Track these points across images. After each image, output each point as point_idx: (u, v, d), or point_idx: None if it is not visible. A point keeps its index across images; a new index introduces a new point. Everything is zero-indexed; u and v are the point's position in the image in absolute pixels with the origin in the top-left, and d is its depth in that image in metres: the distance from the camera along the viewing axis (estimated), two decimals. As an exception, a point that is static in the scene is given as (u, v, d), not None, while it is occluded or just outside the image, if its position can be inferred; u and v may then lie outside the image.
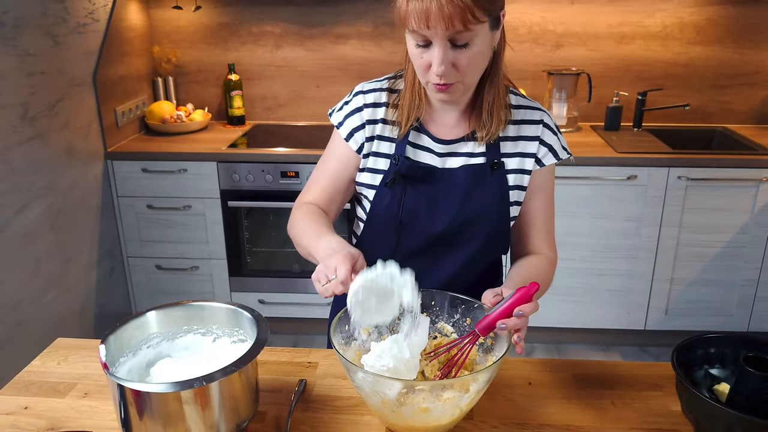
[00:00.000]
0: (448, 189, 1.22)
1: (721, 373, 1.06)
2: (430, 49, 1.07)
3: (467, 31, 1.04)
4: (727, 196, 2.67)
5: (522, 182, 1.24)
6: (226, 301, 1.02)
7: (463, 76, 1.11)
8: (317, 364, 1.19)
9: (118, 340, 0.96)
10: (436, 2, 1.01)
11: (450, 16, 1.01)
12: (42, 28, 2.39)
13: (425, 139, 1.24)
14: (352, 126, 1.26)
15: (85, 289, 2.71)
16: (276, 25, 3.18)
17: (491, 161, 1.22)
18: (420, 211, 1.23)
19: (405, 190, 1.22)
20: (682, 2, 2.99)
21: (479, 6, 1.02)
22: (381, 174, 1.25)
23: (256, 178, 2.80)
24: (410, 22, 1.04)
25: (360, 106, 1.26)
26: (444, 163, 1.23)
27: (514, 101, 1.25)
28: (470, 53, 1.08)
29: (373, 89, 1.26)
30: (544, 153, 1.24)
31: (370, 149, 1.25)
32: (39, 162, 2.38)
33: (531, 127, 1.24)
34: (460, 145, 1.23)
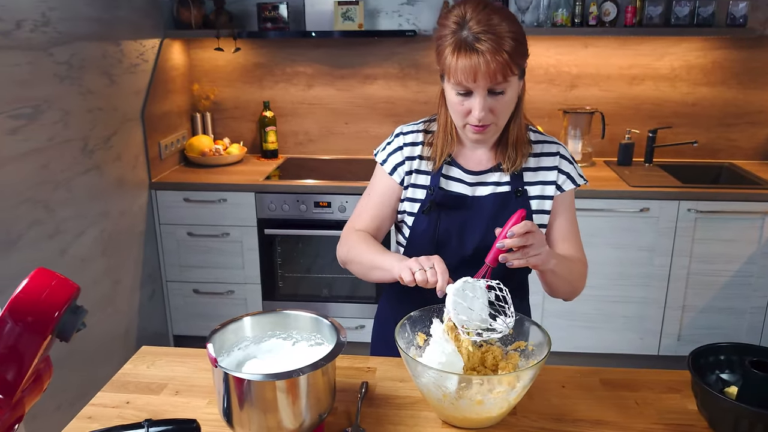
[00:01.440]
0: (477, 214, 1.41)
1: (731, 378, 1.22)
2: (471, 98, 1.28)
3: (505, 82, 1.25)
4: (735, 228, 2.83)
5: (543, 207, 1.43)
6: (308, 310, 1.20)
7: (497, 119, 1.32)
8: (375, 368, 1.36)
9: (219, 340, 1.13)
10: (483, 60, 1.21)
11: (494, 71, 1.22)
12: (101, 69, 2.61)
13: (456, 171, 1.44)
14: (395, 162, 1.47)
15: (128, 312, 2.88)
16: (308, 66, 3.41)
17: (515, 189, 1.41)
18: (453, 234, 1.42)
19: (440, 216, 1.42)
20: (689, 47, 3.20)
21: (515, 62, 1.24)
22: (419, 203, 1.45)
23: (291, 207, 2.99)
24: (458, 76, 1.25)
25: (401, 145, 1.47)
26: (474, 191, 1.43)
27: (533, 137, 1.45)
28: (505, 100, 1.29)
29: (411, 131, 1.48)
30: (563, 180, 1.43)
31: (409, 182, 1.46)
32: (96, 191, 2.58)
33: (549, 159, 1.44)
34: (488, 175, 1.43)
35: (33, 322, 0.79)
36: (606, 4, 3.01)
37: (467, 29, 1.23)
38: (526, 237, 1.20)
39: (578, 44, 3.25)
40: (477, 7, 1.25)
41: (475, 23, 1.22)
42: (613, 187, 2.86)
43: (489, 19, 1.22)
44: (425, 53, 3.31)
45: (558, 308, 2.97)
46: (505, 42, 1.21)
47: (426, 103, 3.34)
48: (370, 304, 3.10)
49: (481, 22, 1.22)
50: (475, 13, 1.24)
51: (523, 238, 1.19)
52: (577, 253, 1.46)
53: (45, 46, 2.24)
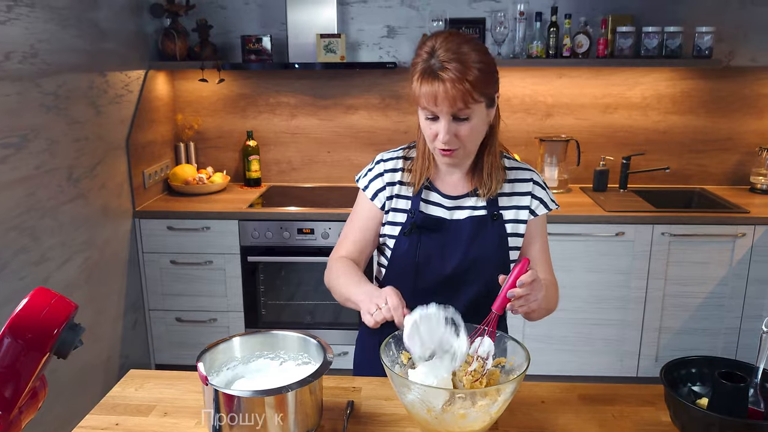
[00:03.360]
0: (455, 236, 1.47)
1: (702, 390, 1.27)
2: (438, 122, 1.36)
3: (467, 108, 1.32)
4: (708, 251, 2.92)
5: (518, 230, 1.50)
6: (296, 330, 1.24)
7: (463, 144, 1.38)
8: (361, 388, 1.39)
9: (208, 360, 1.16)
10: (442, 87, 1.29)
11: (454, 98, 1.30)
12: (87, 99, 2.65)
13: (435, 196, 1.50)
14: (376, 188, 1.53)
15: (111, 340, 2.88)
16: (291, 97, 3.48)
17: (492, 213, 1.48)
18: (432, 256, 1.48)
19: (420, 239, 1.48)
20: (658, 77, 3.33)
21: (477, 90, 1.31)
22: (400, 226, 1.51)
23: (274, 235, 3.02)
24: (422, 101, 1.33)
25: (381, 172, 1.54)
26: (452, 215, 1.49)
27: (508, 164, 1.53)
28: (469, 126, 1.36)
29: (391, 158, 1.55)
30: (536, 205, 1.51)
31: (390, 206, 1.52)
32: (81, 219, 2.60)
33: (523, 185, 1.51)
34: (465, 199, 1.49)
35: (33, 338, 0.83)
36: (579, 36, 3.13)
37: (435, 57, 1.30)
38: (532, 286, 1.24)
39: (553, 75, 3.36)
40: (449, 38, 1.33)
41: (443, 51, 1.30)
42: (589, 212, 2.94)
43: (458, 48, 1.30)
44: (405, 84, 3.40)
45: (537, 332, 3.02)
46: (470, 71, 1.28)
47: (406, 132, 3.42)
48: (353, 330, 3.12)
49: (450, 50, 1.30)
50: (445, 42, 1.31)
51: (530, 287, 1.24)
52: (549, 275, 1.52)
53: (33, 77, 2.28)
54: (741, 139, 3.39)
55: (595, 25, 3.20)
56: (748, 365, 1.23)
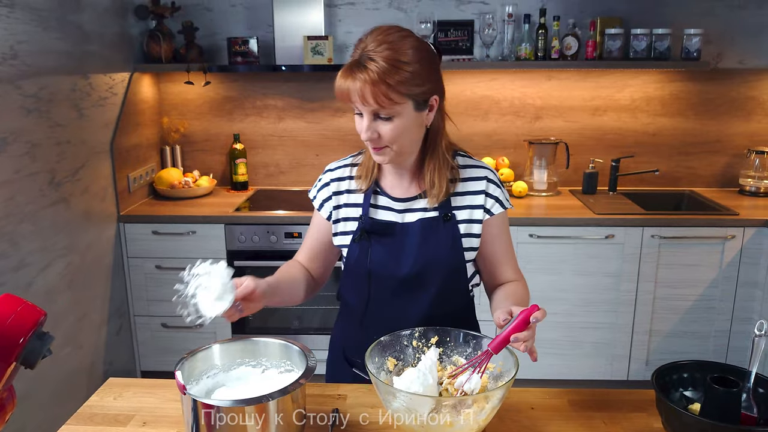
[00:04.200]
0: (407, 240, 1.43)
1: (694, 395, 1.25)
2: (362, 118, 1.30)
3: (383, 108, 1.26)
4: (697, 253, 2.91)
5: (472, 230, 1.44)
6: (278, 337, 1.20)
7: (390, 143, 1.33)
8: (346, 396, 1.36)
9: (187, 368, 1.13)
10: (352, 84, 1.24)
11: (363, 95, 1.25)
12: (70, 102, 2.61)
13: (384, 200, 1.47)
14: (323, 198, 1.51)
15: (95, 346, 2.82)
16: (279, 99, 3.44)
17: (443, 214, 1.43)
18: (385, 261, 1.44)
19: (371, 244, 1.44)
20: (647, 79, 3.32)
21: (394, 90, 1.24)
22: (350, 234, 1.48)
23: (261, 239, 2.98)
24: (338, 96, 1.29)
25: (328, 182, 1.51)
26: (403, 218, 1.45)
27: (462, 162, 1.48)
28: (392, 125, 1.29)
29: (338, 166, 1.53)
30: (491, 204, 1.45)
31: (338, 216, 1.49)
32: (62, 224, 2.55)
33: (477, 183, 1.46)
34: (415, 202, 1.45)
35: (-3, 348, 0.79)
36: (567, 38, 3.12)
37: (363, 53, 1.26)
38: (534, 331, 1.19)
39: (542, 77, 3.35)
40: (381, 35, 1.27)
41: (371, 48, 1.25)
42: (579, 215, 2.93)
43: (387, 45, 1.24)
44: (394, 86, 3.36)
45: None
46: (391, 69, 1.23)
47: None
48: (342, 335, 3.09)
49: (374, 48, 1.24)
50: (375, 39, 1.26)
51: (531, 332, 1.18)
52: (516, 274, 1.49)
53: (13, 79, 2.23)
54: (730, 142, 3.39)
55: (583, 27, 3.20)
56: (740, 369, 1.21)
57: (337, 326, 1.65)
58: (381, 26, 1.30)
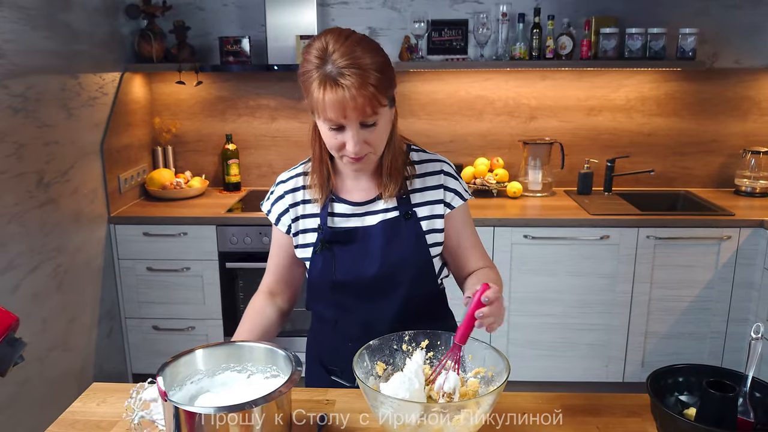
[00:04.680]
0: (370, 243, 1.40)
1: (689, 400, 1.22)
2: (344, 132, 1.24)
3: (375, 114, 1.23)
4: (693, 254, 2.89)
5: (434, 226, 1.42)
6: (263, 341, 1.17)
7: (373, 148, 1.30)
8: (334, 401, 1.33)
9: (169, 374, 1.10)
10: (349, 94, 1.18)
11: (362, 105, 1.20)
12: (59, 102, 2.57)
13: (342, 207, 1.42)
14: (278, 212, 1.46)
15: (85, 349, 2.79)
16: (271, 99, 3.41)
17: (404, 213, 1.40)
18: (351, 268, 1.40)
19: (334, 254, 1.40)
20: (642, 79, 3.30)
21: (382, 93, 1.22)
22: (311, 246, 1.43)
23: (253, 240, 2.95)
24: (328, 112, 1.21)
25: (281, 194, 1.46)
26: (363, 222, 1.42)
27: (417, 157, 1.45)
28: (378, 130, 1.27)
29: (290, 177, 1.47)
30: (451, 197, 1.43)
31: (297, 228, 1.45)
32: (50, 225, 2.52)
33: (434, 177, 1.43)
34: (374, 203, 1.42)
35: (-34, 355, 0.76)
36: (562, 38, 3.10)
37: (331, 63, 1.19)
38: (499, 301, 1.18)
39: (536, 77, 3.32)
40: (339, 39, 1.22)
41: (338, 56, 1.19)
42: (574, 216, 2.90)
43: (352, 51, 1.20)
44: (387, 86, 3.34)
45: (522, 337, 2.97)
46: (370, 75, 1.19)
47: (389, 134, 3.36)
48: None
49: (345, 55, 1.19)
50: (337, 45, 1.21)
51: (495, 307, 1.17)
52: (486, 261, 1.47)
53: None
54: (725, 142, 3.37)
55: (578, 26, 3.17)
56: (736, 373, 1.18)
57: (311, 334, 1.61)
58: (330, 32, 1.24)
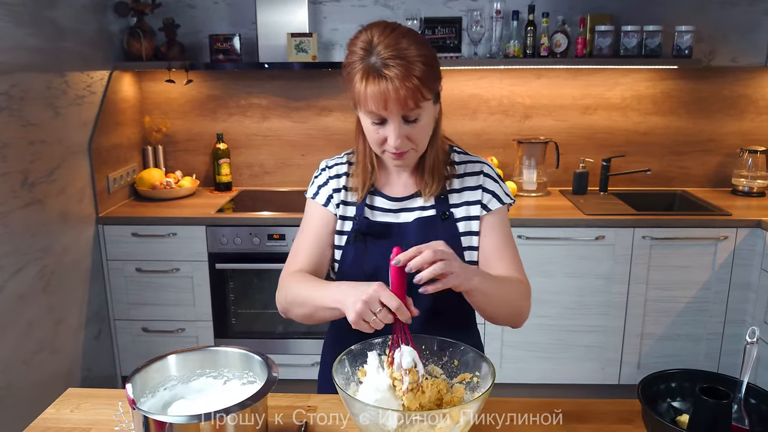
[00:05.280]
0: (404, 241, 1.36)
1: (682, 406, 1.18)
2: (386, 126, 1.23)
3: (418, 108, 1.21)
4: (689, 254, 2.85)
5: (471, 228, 1.38)
6: (238, 346, 1.13)
7: (416, 145, 1.28)
8: (316, 407, 1.29)
9: (141, 381, 1.05)
10: (392, 86, 1.16)
11: (405, 97, 1.18)
12: (45, 100, 2.53)
13: (380, 200, 1.40)
14: (327, 194, 1.43)
15: (72, 352, 2.75)
16: (263, 98, 3.37)
17: (441, 213, 1.37)
18: (381, 264, 1.35)
19: (366, 246, 1.37)
20: (638, 77, 3.26)
21: (426, 87, 1.20)
22: (346, 234, 1.40)
23: (244, 241, 2.91)
24: (369, 104, 1.19)
25: (326, 180, 1.44)
26: (398, 218, 1.39)
27: (457, 158, 1.42)
28: (420, 125, 1.25)
29: (335, 163, 1.45)
30: (488, 199, 1.39)
31: (339, 214, 1.42)
32: (36, 226, 2.47)
33: (473, 178, 1.40)
34: (412, 201, 1.39)
35: None
36: (557, 35, 3.06)
37: (375, 55, 1.18)
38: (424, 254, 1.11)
39: (531, 75, 3.28)
40: (384, 31, 1.20)
41: (383, 48, 1.17)
42: (569, 216, 2.86)
43: (397, 43, 1.18)
44: (380, 84, 3.30)
45: (517, 339, 2.93)
46: (415, 67, 1.17)
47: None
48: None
49: (389, 46, 1.17)
50: (382, 37, 1.19)
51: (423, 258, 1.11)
52: (513, 272, 1.37)
53: (-20, 76, 2.16)
54: (722, 141, 3.33)
55: (573, 24, 3.13)
56: (731, 379, 1.14)
57: (330, 333, 1.56)
58: (376, 25, 1.22)
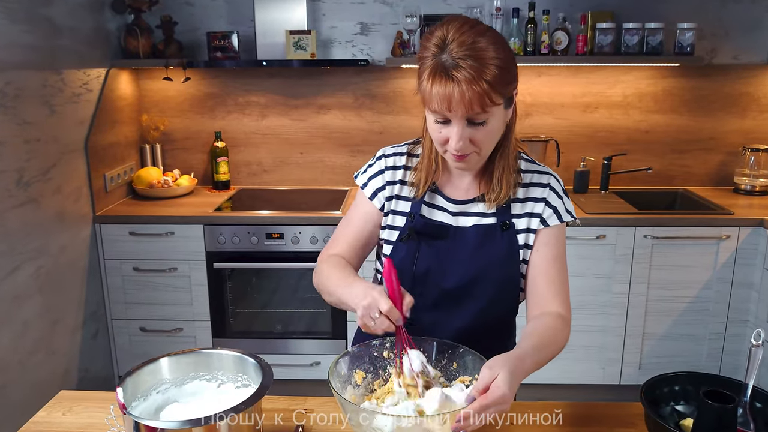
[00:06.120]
0: (459, 246, 1.31)
1: (686, 410, 1.16)
2: (449, 126, 1.17)
3: (484, 112, 1.14)
4: (691, 254, 2.83)
5: (530, 241, 1.31)
6: (232, 348, 1.11)
7: (479, 149, 1.21)
8: (313, 410, 1.26)
9: (132, 384, 1.03)
10: (458, 88, 1.10)
11: (470, 101, 1.11)
12: (40, 98, 2.50)
13: (439, 199, 1.34)
14: (376, 186, 1.37)
15: (69, 352, 2.72)
16: (261, 96, 3.34)
17: (501, 222, 1.30)
18: (433, 267, 1.31)
19: (419, 246, 1.32)
20: (639, 75, 3.24)
21: (496, 91, 1.12)
22: (398, 231, 1.35)
23: (242, 240, 2.89)
24: (433, 104, 1.14)
25: (382, 169, 1.38)
26: (457, 221, 1.33)
27: (524, 166, 1.34)
28: (486, 130, 1.18)
29: (393, 153, 1.39)
30: (549, 214, 1.31)
31: (389, 208, 1.36)
32: (31, 225, 2.45)
33: (538, 190, 1.32)
34: (472, 205, 1.33)
35: None
36: (557, 33, 3.03)
37: (447, 53, 1.12)
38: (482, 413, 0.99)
39: (531, 73, 3.26)
40: (461, 28, 1.13)
41: (456, 46, 1.11)
42: (570, 215, 2.83)
43: (473, 42, 1.11)
44: (379, 83, 3.28)
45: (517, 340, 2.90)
46: (487, 69, 1.10)
47: (381, 133, 3.30)
48: (327, 339, 2.99)
49: (464, 45, 1.11)
50: (458, 34, 1.12)
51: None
52: (560, 304, 1.27)
53: (-26, 74, 2.13)
54: (724, 139, 3.30)
55: (574, 21, 3.11)
56: (735, 382, 1.12)
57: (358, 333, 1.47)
58: (453, 20, 1.16)
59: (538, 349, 1.16)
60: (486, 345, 1.21)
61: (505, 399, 0.99)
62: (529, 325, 1.25)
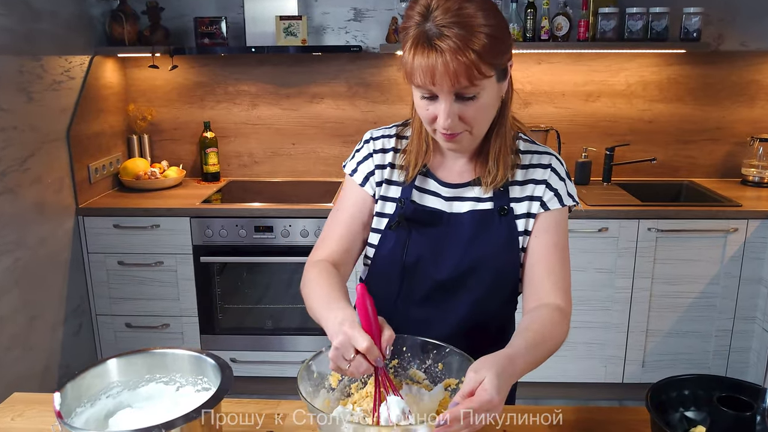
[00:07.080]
0: (453, 234, 1.20)
1: (696, 416, 1.05)
2: (436, 102, 1.07)
3: (473, 86, 1.03)
4: (697, 247, 2.71)
5: (529, 227, 1.21)
6: (188, 348, 1.00)
7: (470, 126, 1.10)
8: (287, 415, 1.16)
9: (77, 388, 0.92)
10: (441, 59, 1.00)
11: (455, 73, 1.00)
12: (17, 85, 2.40)
13: (432, 184, 1.23)
14: (366, 171, 1.27)
15: (49, 348, 2.62)
16: (252, 85, 3.23)
17: (499, 207, 1.20)
18: (424, 257, 1.21)
19: (410, 235, 1.21)
20: (643, 62, 3.12)
21: (485, 62, 1.01)
22: (387, 218, 1.24)
23: (230, 233, 2.78)
24: (416, 77, 1.04)
25: (370, 152, 1.27)
26: (450, 207, 1.22)
27: (523, 147, 1.24)
28: (477, 105, 1.07)
29: (381, 135, 1.28)
30: (549, 197, 1.21)
31: (379, 193, 1.25)
32: (7, 217, 2.34)
33: (539, 171, 1.22)
34: (467, 189, 1.22)
35: None
36: (558, 18, 2.91)
37: (431, 20, 1.01)
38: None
39: (531, 61, 3.14)
40: None
41: (441, 13, 1.01)
42: (570, 207, 2.72)
43: (459, 8, 1.01)
44: (374, 71, 3.17)
45: (516, 336, 2.80)
46: (475, 38, 1.00)
47: (376, 123, 3.18)
48: (320, 336, 2.88)
49: (449, 11, 1.00)
50: (443, 0, 1.02)
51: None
52: (559, 295, 1.16)
53: (-58, 57, 2.03)
54: (731, 129, 3.18)
55: (575, 6, 2.98)
56: (752, 386, 1.01)
57: None
58: None
59: (533, 346, 1.05)
60: (483, 344, 1.11)
61: (493, 404, 0.88)
62: (525, 318, 1.15)
